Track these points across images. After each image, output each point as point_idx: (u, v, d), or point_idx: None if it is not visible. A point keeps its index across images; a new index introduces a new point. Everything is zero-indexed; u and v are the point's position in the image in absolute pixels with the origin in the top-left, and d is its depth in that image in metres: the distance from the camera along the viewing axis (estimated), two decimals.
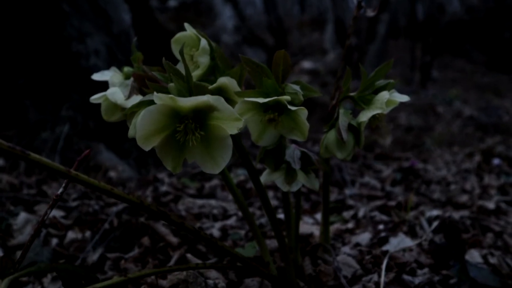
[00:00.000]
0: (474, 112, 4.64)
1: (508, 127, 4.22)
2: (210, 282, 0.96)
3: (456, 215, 1.63)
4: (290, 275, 1.01)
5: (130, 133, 0.84)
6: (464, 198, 1.98)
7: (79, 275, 0.68)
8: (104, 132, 2.30)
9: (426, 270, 1.16)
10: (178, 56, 0.99)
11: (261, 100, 0.86)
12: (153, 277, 1.09)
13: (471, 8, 12.53)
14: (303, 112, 0.87)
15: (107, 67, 1.07)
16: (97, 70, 2.51)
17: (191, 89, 0.79)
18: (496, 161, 2.52)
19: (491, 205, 1.84)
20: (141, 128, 0.74)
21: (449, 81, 8.15)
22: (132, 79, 0.96)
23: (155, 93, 0.72)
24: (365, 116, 0.94)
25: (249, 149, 2.41)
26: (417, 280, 1.07)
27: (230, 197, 1.83)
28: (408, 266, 1.15)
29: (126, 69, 1.04)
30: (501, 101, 6.25)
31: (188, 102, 0.72)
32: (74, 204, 1.54)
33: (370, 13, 1.34)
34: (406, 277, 1.08)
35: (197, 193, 1.86)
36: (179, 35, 1.00)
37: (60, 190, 0.81)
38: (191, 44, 1.00)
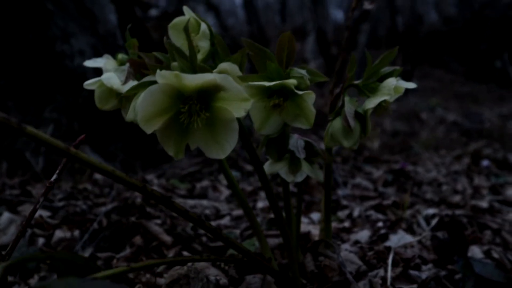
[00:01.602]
0: (457, 118, 4.68)
1: (490, 132, 4.26)
2: (212, 278, 0.91)
3: (452, 213, 1.61)
4: (294, 271, 0.97)
5: (129, 116, 0.79)
6: (456, 198, 1.97)
7: (77, 265, 0.63)
8: (89, 134, 2.23)
9: (430, 265, 1.13)
10: (176, 42, 0.96)
11: (267, 83, 0.82)
12: (148, 275, 1.04)
13: (448, 19, 12.77)
14: (310, 97, 0.83)
15: (91, 68, 1.01)
16: (82, 71, 2.44)
17: (195, 69, 0.75)
18: (485, 162, 2.53)
19: (484, 204, 1.83)
20: (143, 109, 0.69)
21: (429, 90, 8.24)
22: (128, 64, 0.92)
23: (158, 70, 0.68)
24: (372, 103, 0.91)
25: (239, 151, 2.37)
26: (423, 275, 1.03)
27: (222, 197, 1.78)
28: (412, 262, 1.11)
29: (121, 55, 0.99)
30: (480, 109, 6.34)
31: (194, 80, 0.68)
32: (60, 204, 1.47)
33: (368, 5, 1.32)
34: (412, 272, 1.04)
35: (188, 193, 1.81)
36: (176, 20, 0.96)
37: (54, 176, 0.75)
38: (189, 29, 0.96)
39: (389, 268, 1.03)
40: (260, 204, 1.75)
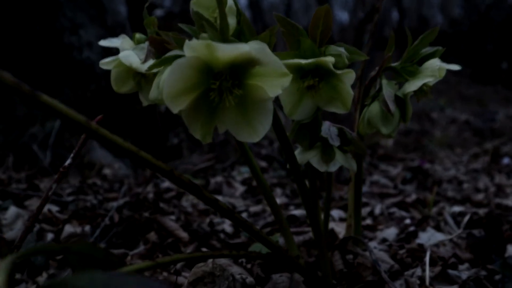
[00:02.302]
0: (469, 118, 4.60)
1: (502, 131, 4.18)
2: (238, 276, 0.83)
3: (479, 211, 1.54)
4: (326, 269, 0.89)
5: (152, 95, 0.72)
6: (479, 196, 1.89)
7: (96, 260, 0.55)
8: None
9: (467, 265, 1.05)
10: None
11: (303, 61, 0.74)
12: (166, 273, 0.96)
13: (454, 21, 12.69)
14: (349, 77, 0.75)
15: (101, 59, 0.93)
16: (90, 63, 2.36)
17: (227, 42, 0.67)
18: (505, 160, 2.44)
19: (511, 202, 1.75)
20: (169, 84, 0.61)
21: (435, 92, 8.15)
22: (147, 43, 0.84)
23: (186, 41, 0.60)
24: (414, 85, 0.83)
25: (251, 146, 2.30)
26: (463, 275, 0.95)
27: (238, 193, 1.71)
28: (449, 261, 1.03)
29: (138, 35, 0.92)
30: (489, 109, 6.25)
31: (227, 51, 0.60)
32: (69, 199, 1.40)
33: None
34: (451, 272, 0.96)
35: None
36: None
37: (68, 161, 0.68)
38: (213, 6, 0.89)
39: (427, 267, 0.95)
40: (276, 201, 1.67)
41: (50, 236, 1.14)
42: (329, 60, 0.74)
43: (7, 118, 2.03)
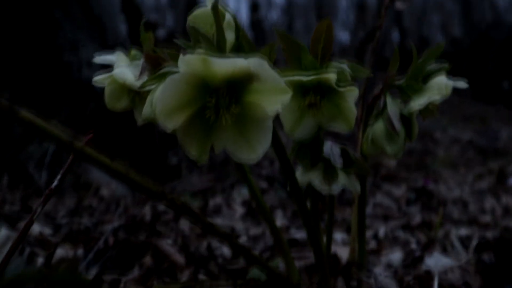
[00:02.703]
0: (472, 137, 4.56)
1: (506, 150, 4.14)
2: None
3: (487, 234, 1.49)
4: None
5: (145, 112, 0.68)
6: (486, 218, 1.84)
7: None
8: (96, 148, 2.12)
9: None
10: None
11: (304, 77, 0.71)
12: None
13: (454, 40, 12.75)
14: (352, 94, 0.72)
15: None
16: (89, 82, 2.33)
17: (224, 57, 0.64)
18: (511, 181, 2.40)
19: None
20: (162, 101, 0.58)
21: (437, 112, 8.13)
22: (142, 59, 0.81)
23: (181, 55, 0.57)
24: (419, 103, 0.79)
25: (252, 167, 2.26)
26: None
27: (237, 215, 1.66)
28: None
29: (134, 51, 0.88)
30: (492, 128, 6.21)
31: (224, 66, 0.57)
32: (63, 221, 1.35)
33: (400, 6, 1.21)
34: None
35: (200, 211, 1.69)
36: (198, 11, 0.86)
37: (55, 182, 0.64)
38: (211, 21, 0.86)
39: None
40: (277, 223, 1.63)
41: (40, 260, 1.09)
42: (331, 76, 0.71)
43: (4, 136, 2.00)
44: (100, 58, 0.88)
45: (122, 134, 2.15)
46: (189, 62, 0.57)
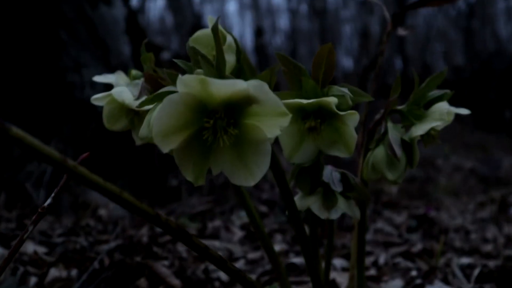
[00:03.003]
0: (474, 165, 4.55)
1: (508, 179, 4.12)
2: None
3: (489, 263, 1.46)
4: None
5: (142, 133, 0.68)
6: (488, 247, 1.81)
7: None
8: (96, 168, 2.11)
9: None
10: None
11: (304, 101, 0.70)
12: None
13: (456, 69, 12.82)
14: (353, 118, 0.71)
15: None
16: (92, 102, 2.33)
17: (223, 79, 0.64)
18: None
19: None
20: (160, 122, 0.57)
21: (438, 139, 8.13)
22: (142, 79, 0.81)
23: (179, 76, 0.56)
24: (421, 129, 0.79)
25: (251, 191, 2.24)
26: None
27: (236, 238, 1.64)
28: None
29: (135, 72, 0.89)
30: (494, 157, 6.19)
31: (222, 88, 0.56)
32: (59, 240, 1.33)
33: (402, 32, 1.22)
34: None
35: (199, 234, 1.67)
36: (199, 33, 0.86)
37: (48, 201, 0.63)
38: (212, 44, 0.86)
39: None
40: (276, 248, 1.60)
41: (33, 280, 1.07)
42: (332, 100, 0.70)
43: (3, 156, 1.99)
44: (101, 77, 0.88)
45: (123, 155, 2.15)
46: (187, 83, 0.56)
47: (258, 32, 12.67)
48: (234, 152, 0.62)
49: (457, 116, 0.83)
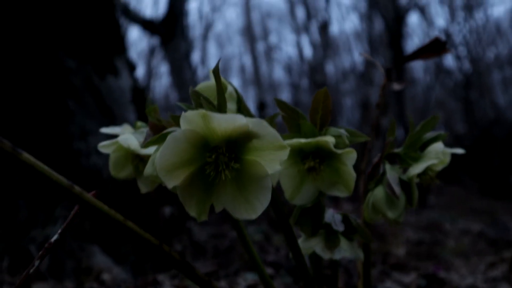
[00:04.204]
0: (483, 228, 4.48)
1: None
2: None
3: None
4: None
5: (147, 171, 0.70)
6: None
7: None
8: (100, 234, 2.11)
9: None
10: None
11: (302, 139, 0.73)
12: None
13: (458, 137, 12.94)
14: (350, 157, 0.74)
15: (107, 167, 0.92)
16: (98, 169, 2.38)
17: None
18: None
19: None
20: (163, 157, 0.60)
21: (445, 206, 8.05)
22: (148, 128, 0.84)
23: (182, 113, 0.60)
24: (418, 168, 0.81)
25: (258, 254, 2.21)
26: None
27: None
28: None
29: (140, 123, 0.93)
30: (500, 221, 6.10)
31: (223, 123, 0.59)
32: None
33: (397, 86, 1.27)
34: None
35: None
36: (201, 85, 0.91)
37: (55, 237, 0.64)
38: (214, 95, 0.90)
39: None
40: None
41: None
42: (329, 140, 0.73)
43: (8, 222, 2.00)
44: (108, 129, 0.91)
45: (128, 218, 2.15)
46: (190, 119, 0.59)
47: (261, 106, 12.95)
48: (235, 187, 0.64)
49: (463, 183, 0.86)
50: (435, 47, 1.05)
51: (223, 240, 2.50)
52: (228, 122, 0.59)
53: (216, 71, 0.67)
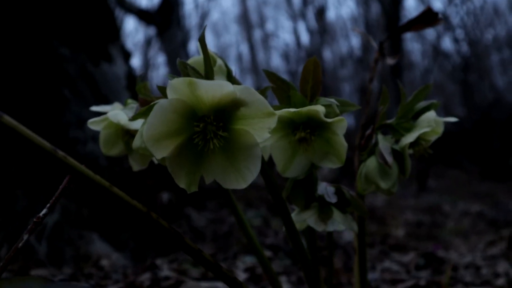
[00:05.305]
0: (482, 209, 4.49)
1: None
2: None
3: None
4: None
5: (136, 143, 0.69)
6: (500, 280, 1.77)
7: None
8: (99, 221, 2.11)
9: None
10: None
11: (292, 109, 0.72)
12: None
13: (458, 120, 12.90)
14: (341, 126, 0.73)
15: (103, 154, 0.92)
16: (95, 156, 2.37)
17: None
18: None
19: None
20: (151, 127, 0.59)
21: (445, 189, 8.07)
22: (137, 104, 0.84)
23: (169, 81, 0.59)
24: (410, 137, 0.80)
25: (257, 236, 2.21)
26: None
27: (239, 279, 1.60)
28: None
29: (130, 100, 0.92)
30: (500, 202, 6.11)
31: (210, 90, 0.58)
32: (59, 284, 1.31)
33: (391, 61, 1.26)
34: None
35: (202, 277, 1.64)
36: (193, 59, 0.89)
37: (44, 211, 0.64)
38: (202, 69, 0.89)
39: None
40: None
41: None
42: (319, 109, 0.72)
43: (7, 212, 2.00)
44: (97, 107, 0.91)
45: (123, 217, 2.15)
46: (176, 87, 0.58)
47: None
48: (225, 158, 0.64)
49: (463, 167, 0.85)
50: (427, 18, 1.04)
51: (222, 226, 2.50)
52: (215, 89, 0.58)
53: (202, 40, 0.66)
